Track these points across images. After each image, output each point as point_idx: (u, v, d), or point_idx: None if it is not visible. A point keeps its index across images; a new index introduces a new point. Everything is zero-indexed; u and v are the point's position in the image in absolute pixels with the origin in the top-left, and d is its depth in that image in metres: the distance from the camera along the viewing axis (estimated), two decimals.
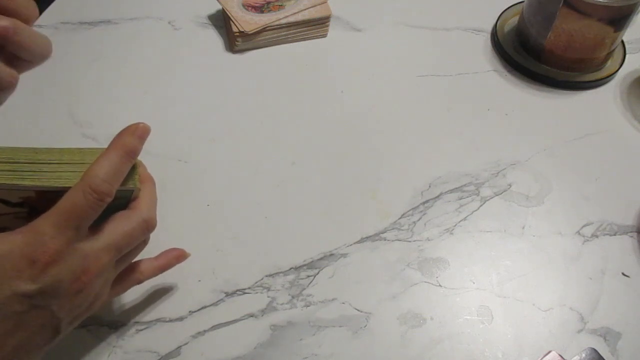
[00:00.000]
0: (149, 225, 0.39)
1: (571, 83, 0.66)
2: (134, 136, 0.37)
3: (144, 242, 0.41)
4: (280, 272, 0.50)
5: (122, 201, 0.39)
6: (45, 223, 0.33)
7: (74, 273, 0.35)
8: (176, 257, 0.46)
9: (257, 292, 0.49)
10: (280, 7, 0.69)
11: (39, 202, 0.37)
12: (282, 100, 0.64)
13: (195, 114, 0.62)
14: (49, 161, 0.36)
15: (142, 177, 0.40)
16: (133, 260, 0.42)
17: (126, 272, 0.42)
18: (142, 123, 0.38)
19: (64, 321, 0.36)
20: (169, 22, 0.72)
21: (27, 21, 0.34)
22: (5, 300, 0.33)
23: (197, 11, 0.73)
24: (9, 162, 0.35)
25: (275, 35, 0.68)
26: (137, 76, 0.66)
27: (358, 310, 0.48)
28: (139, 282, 0.44)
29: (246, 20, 0.67)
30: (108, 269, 0.38)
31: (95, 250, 0.36)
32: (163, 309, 0.48)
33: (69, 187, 0.34)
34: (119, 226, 0.37)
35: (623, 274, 0.51)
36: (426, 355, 0.46)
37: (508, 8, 0.73)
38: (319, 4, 0.70)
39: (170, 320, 0.47)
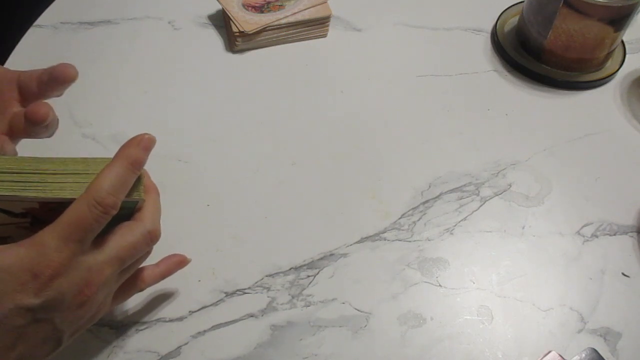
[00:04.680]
0: (152, 237, 0.39)
1: (571, 83, 0.66)
2: (139, 147, 0.37)
3: (147, 253, 0.41)
4: (280, 272, 0.51)
5: (127, 212, 0.38)
6: (49, 236, 0.33)
7: (77, 286, 0.34)
8: (177, 263, 0.46)
9: (257, 292, 0.49)
10: (280, 7, 0.69)
11: (42, 212, 0.36)
12: (282, 100, 0.64)
13: (195, 114, 0.62)
14: (52, 171, 0.35)
15: (146, 188, 0.39)
16: None
17: (128, 281, 0.41)
18: (147, 134, 0.37)
19: (66, 333, 0.36)
20: (169, 22, 0.72)
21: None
22: (7, 314, 0.32)
23: (197, 11, 0.73)
24: (12, 173, 0.35)
25: (275, 35, 0.68)
26: (137, 76, 0.66)
27: (358, 310, 0.48)
28: (141, 290, 0.43)
29: (246, 20, 0.67)
30: (111, 281, 0.37)
31: (99, 263, 0.35)
32: (163, 309, 0.48)
33: (74, 199, 0.34)
34: (122, 238, 0.37)
35: (623, 274, 0.51)
36: (426, 355, 0.46)
37: (508, 8, 0.73)
38: (319, 4, 0.70)
39: (170, 320, 0.47)
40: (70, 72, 0.42)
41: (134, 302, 0.48)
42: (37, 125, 0.40)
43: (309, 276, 0.50)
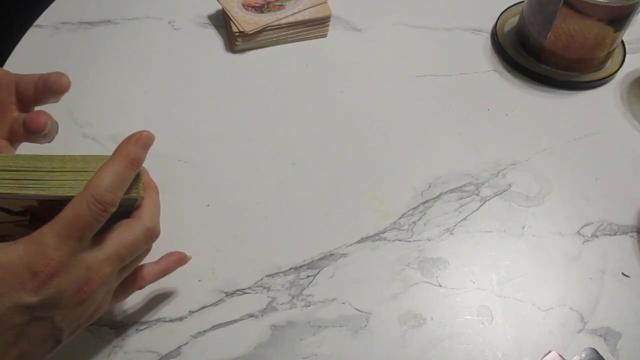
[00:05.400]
0: (152, 234, 0.39)
1: (571, 83, 0.66)
2: (137, 145, 0.37)
3: (147, 250, 0.41)
4: (280, 272, 0.51)
5: (125, 209, 0.38)
6: (48, 234, 0.33)
7: (77, 284, 0.34)
8: (177, 260, 0.46)
9: (257, 292, 0.49)
10: (280, 7, 0.69)
11: (41, 210, 0.36)
12: (282, 100, 0.64)
13: (195, 114, 0.62)
14: (51, 169, 0.35)
15: (145, 185, 0.39)
16: None
17: (128, 279, 0.41)
18: (146, 131, 0.37)
19: (66, 331, 0.36)
20: (169, 22, 0.72)
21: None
22: (6, 312, 0.32)
23: (197, 11, 0.73)
24: (11, 171, 0.35)
25: (275, 35, 0.68)
26: (137, 76, 0.66)
27: (358, 310, 0.48)
28: (140, 287, 0.43)
29: (246, 20, 0.67)
30: (110, 279, 0.37)
31: (98, 261, 0.35)
32: (163, 309, 0.48)
33: (72, 196, 0.34)
34: (121, 236, 0.37)
35: (623, 274, 0.51)
36: (426, 355, 0.46)
37: (508, 8, 0.73)
38: (319, 4, 0.70)
39: (170, 320, 0.47)
40: (63, 82, 0.42)
41: (134, 301, 0.48)
42: (36, 134, 0.41)
43: (309, 276, 0.50)
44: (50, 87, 0.42)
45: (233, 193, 0.56)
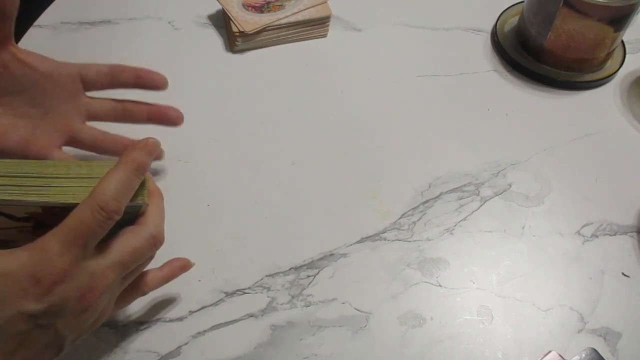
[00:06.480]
0: (156, 241, 0.39)
1: (571, 83, 0.66)
2: (143, 151, 0.36)
3: (151, 257, 0.41)
4: (280, 272, 0.51)
5: (130, 216, 0.38)
6: (52, 241, 0.33)
7: (80, 291, 0.34)
8: (180, 267, 0.46)
9: (257, 292, 0.49)
10: (280, 7, 0.69)
11: (45, 216, 0.36)
12: (282, 100, 0.64)
13: (195, 114, 0.62)
14: (55, 175, 0.35)
15: (150, 191, 0.39)
16: None
17: (131, 285, 0.41)
18: (151, 138, 0.37)
19: (68, 339, 0.36)
20: (169, 22, 0.72)
21: None
22: (9, 320, 0.32)
23: (197, 11, 0.73)
24: (14, 177, 0.35)
25: (275, 35, 0.68)
26: None
27: (358, 310, 0.48)
28: (144, 294, 0.43)
29: (246, 20, 0.67)
30: (114, 286, 0.37)
31: (102, 268, 0.35)
32: (163, 309, 0.48)
33: (77, 203, 0.34)
34: (126, 243, 0.37)
35: (623, 274, 0.51)
36: (426, 355, 0.46)
37: (508, 8, 0.73)
38: (319, 4, 0.70)
39: (170, 320, 0.47)
40: (160, 80, 0.53)
41: (134, 302, 0.48)
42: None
43: (309, 276, 0.50)
44: (144, 84, 0.51)
45: (233, 193, 0.56)
